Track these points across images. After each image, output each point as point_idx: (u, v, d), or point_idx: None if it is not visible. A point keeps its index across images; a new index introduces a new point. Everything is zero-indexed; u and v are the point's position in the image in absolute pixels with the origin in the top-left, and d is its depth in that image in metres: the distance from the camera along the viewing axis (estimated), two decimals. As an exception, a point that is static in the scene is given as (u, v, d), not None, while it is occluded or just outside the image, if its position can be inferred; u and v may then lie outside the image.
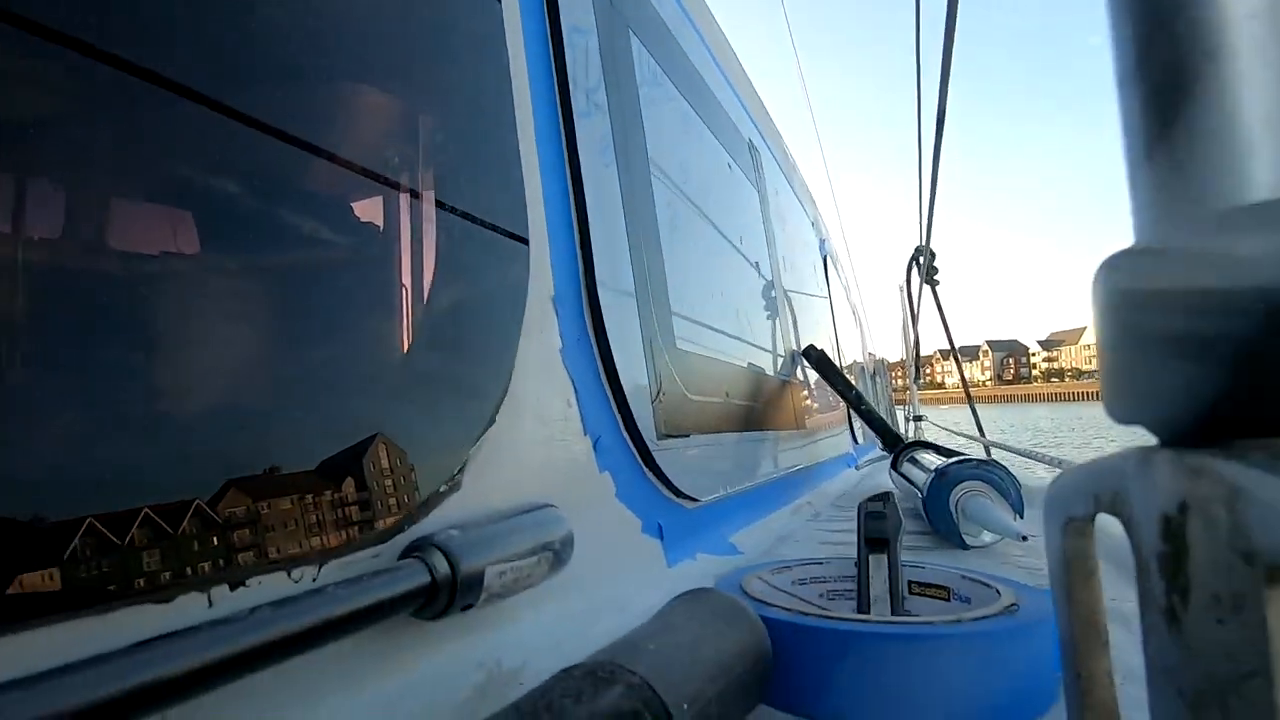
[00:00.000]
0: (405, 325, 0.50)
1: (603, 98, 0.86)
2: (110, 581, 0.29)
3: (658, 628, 0.39)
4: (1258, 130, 0.19)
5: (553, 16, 0.76)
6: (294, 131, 0.42)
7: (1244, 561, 0.16)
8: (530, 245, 0.65)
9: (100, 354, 0.31)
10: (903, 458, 1.46)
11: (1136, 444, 0.22)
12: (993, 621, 0.45)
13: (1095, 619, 0.26)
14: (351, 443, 0.42)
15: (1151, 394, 0.21)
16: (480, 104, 0.63)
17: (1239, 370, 0.17)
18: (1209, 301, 0.18)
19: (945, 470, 1.05)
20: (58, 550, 0.28)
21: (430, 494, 0.47)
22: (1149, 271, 0.21)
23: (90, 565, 0.29)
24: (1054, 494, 0.27)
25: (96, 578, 0.29)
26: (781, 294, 1.78)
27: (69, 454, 0.30)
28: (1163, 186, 0.22)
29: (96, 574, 0.29)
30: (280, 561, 0.37)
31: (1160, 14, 0.21)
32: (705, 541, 0.93)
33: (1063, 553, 0.27)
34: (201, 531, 0.33)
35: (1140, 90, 0.22)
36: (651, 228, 0.96)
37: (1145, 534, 0.20)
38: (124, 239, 0.34)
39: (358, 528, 0.41)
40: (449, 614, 0.42)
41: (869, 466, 2.47)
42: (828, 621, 0.46)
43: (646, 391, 0.84)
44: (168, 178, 0.35)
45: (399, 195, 0.52)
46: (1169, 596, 0.19)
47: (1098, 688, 0.26)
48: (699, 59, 1.35)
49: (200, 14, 0.37)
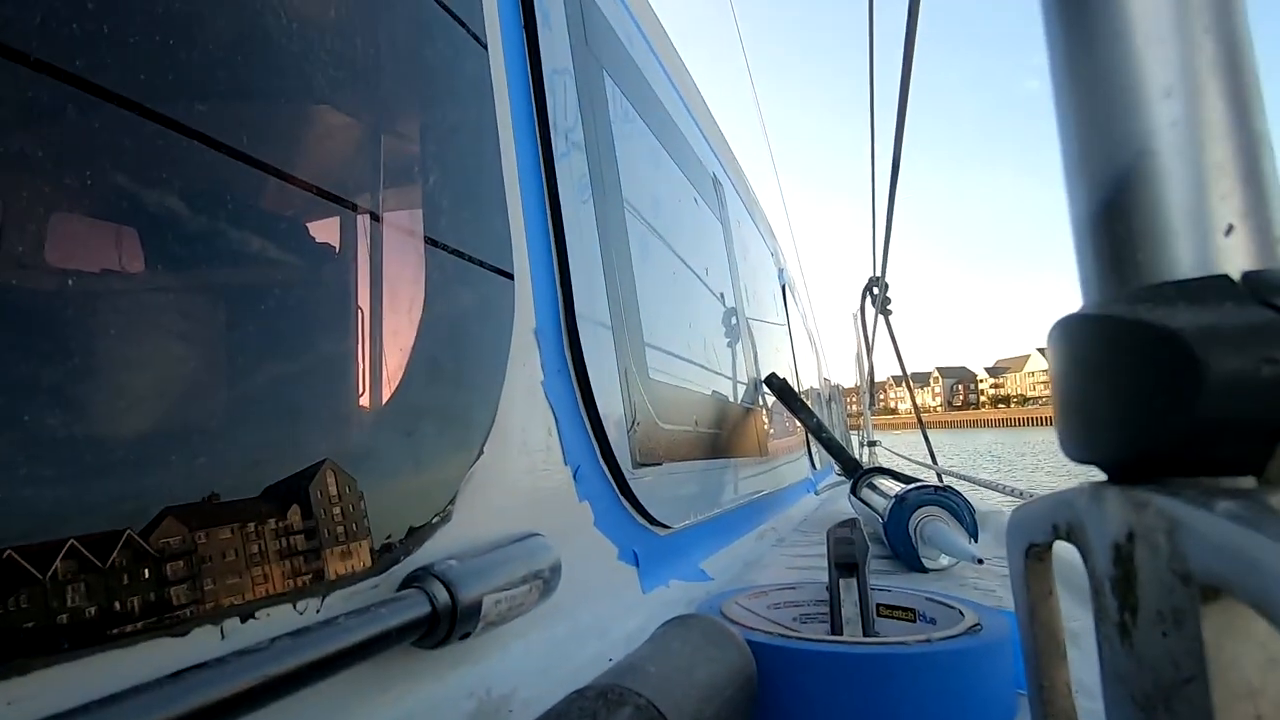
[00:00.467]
0: (399, 360, 0.52)
1: (580, 136, 0.90)
2: (94, 623, 0.29)
3: (654, 651, 0.41)
4: (1180, 218, 0.23)
5: (534, 60, 0.79)
6: (288, 166, 0.44)
7: (1182, 583, 0.19)
8: (515, 279, 0.67)
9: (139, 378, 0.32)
10: (861, 483, 1.51)
11: (1089, 480, 0.25)
12: (960, 641, 0.49)
13: (1055, 634, 0.29)
14: (350, 475, 0.43)
15: (1101, 438, 0.24)
16: (468, 144, 0.65)
17: (1172, 422, 0.21)
18: (1145, 364, 0.21)
19: (904, 496, 1.09)
20: (59, 582, 0.29)
21: (424, 524, 0.49)
22: (1094, 335, 0.24)
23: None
24: (1016, 522, 0.30)
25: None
26: (744, 323, 1.83)
27: (67, 475, 0.30)
28: (1104, 259, 0.25)
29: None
30: (285, 594, 0.38)
31: (1101, 119, 0.25)
32: (678, 568, 0.95)
33: (1025, 575, 0.30)
34: (206, 562, 0.34)
35: (1085, 179, 0.26)
36: (626, 261, 1.00)
37: (1099, 559, 0.23)
38: (67, 255, 0.32)
39: (357, 559, 0.42)
40: (448, 643, 0.43)
41: (828, 492, 2.53)
42: (808, 643, 0.49)
43: (622, 421, 0.86)
44: (118, 193, 0.34)
45: (392, 232, 0.54)
46: (1121, 613, 0.22)
47: (1058, 697, 0.29)
48: (667, 97, 1.40)
49: (203, 55, 0.39)
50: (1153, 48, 0.24)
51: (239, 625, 0.35)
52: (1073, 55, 0.26)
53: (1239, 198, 0.23)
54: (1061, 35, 0.26)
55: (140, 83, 0.34)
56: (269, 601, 0.37)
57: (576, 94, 0.90)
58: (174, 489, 0.33)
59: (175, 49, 0.36)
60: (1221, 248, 0.22)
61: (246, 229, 0.40)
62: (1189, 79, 0.23)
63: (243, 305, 0.39)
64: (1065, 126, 0.26)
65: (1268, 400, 0.19)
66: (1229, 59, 0.23)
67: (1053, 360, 0.27)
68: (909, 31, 1.19)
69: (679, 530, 0.98)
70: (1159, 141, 0.23)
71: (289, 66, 0.44)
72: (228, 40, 0.40)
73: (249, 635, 0.35)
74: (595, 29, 1.01)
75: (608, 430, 0.79)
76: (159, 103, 0.35)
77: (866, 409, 4.88)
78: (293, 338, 0.43)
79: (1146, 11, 0.24)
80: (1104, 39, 0.24)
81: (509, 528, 0.58)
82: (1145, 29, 0.24)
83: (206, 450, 0.35)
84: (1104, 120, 0.25)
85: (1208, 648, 0.19)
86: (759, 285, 2.27)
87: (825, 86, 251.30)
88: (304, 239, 0.47)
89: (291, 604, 0.38)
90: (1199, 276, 0.23)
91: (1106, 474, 0.24)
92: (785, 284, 3.01)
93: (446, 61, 0.63)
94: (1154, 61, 0.24)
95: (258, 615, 0.36)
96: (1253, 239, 0.22)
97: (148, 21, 0.35)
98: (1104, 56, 0.25)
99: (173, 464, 0.33)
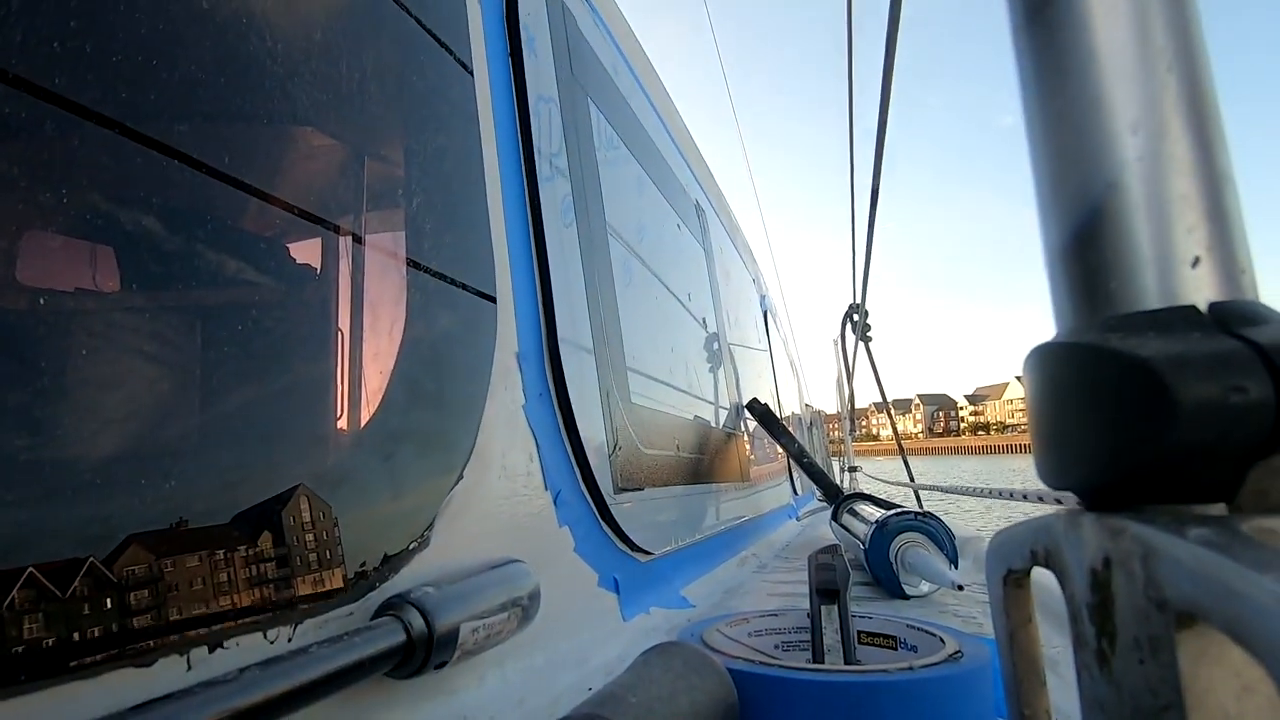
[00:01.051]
0: (378, 382, 0.51)
1: (564, 162, 0.90)
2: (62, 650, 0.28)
3: (635, 680, 0.40)
4: (1148, 250, 0.24)
5: (519, 87, 0.80)
6: (269, 186, 0.43)
7: (1158, 609, 0.19)
8: (497, 303, 0.67)
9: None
10: (842, 509, 1.51)
11: (1065, 507, 0.25)
12: (941, 668, 0.49)
13: (1034, 660, 0.29)
14: (326, 500, 0.42)
15: (1076, 465, 0.24)
16: (452, 167, 0.65)
17: (1144, 449, 0.21)
18: (1117, 391, 0.22)
19: (885, 522, 1.10)
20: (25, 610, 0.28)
21: (401, 550, 0.48)
22: (1067, 364, 0.25)
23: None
24: (994, 549, 0.31)
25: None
26: (726, 349, 1.84)
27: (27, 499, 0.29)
28: (1077, 289, 0.26)
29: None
30: (256, 623, 0.37)
31: (1071, 154, 0.25)
32: (658, 595, 0.94)
33: (1004, 601, 0.30)
34: (173, 591, 0.33)
35: (1057, 212, 0.26)
36: (609, 286, 1.00)
37: (1077, 585, 0.23)
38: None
39: (331, 586, 0.42)
40: (423, 673, 0.42)
41: (810, 518, 2.53)
42: (790, 672, 0.49)
43: (604, 446, 0.86)
44: (95, 211, 0.33)
45: (375, 253, 0.53)
46: (1099, 640, 0.22)
47: (1039, 724, 0.29)
48: (650, 125, 1.42)
49: (187, 75, 0.39)
50: (1119, 86, 0.24)
51: (206, 655, 0.34)
52: (1043, 93, 0.27)
53: (1204, 231, 0.23)
54: (1033, 73, 0.27)
55: (122, 101, 0.34)
56: (238, 630, 0.36)
57: (561, 120, 0.91)
58: (140, 515, 0.32)
59: (159, 68, 0.36)
60: (1188, 279, 0.23)
61: (224, 248, 0.40)
62: (1154, 116, 0.24)
63: (220, 326, 0.39)
64: (1037, 160, 0.27)
65: (1236, 428, 0.20)
66: (1192, 97, 0.24)
67: (1028, 388, 0.27)
68: (887, 63, 1.23)
69: (660, 556, 0.98)
70: (1127, 176, 0.24)
71: (274, 88, 0.44)
72: (213, 61, 0.40)
73: (217, 665, 0.34)
74: (580, 57, 1.03)
75: (589, 455, 0.79)
76: (140, 121, 0.35)
77: (847, 435, 4.91)
78: (270, 360, 0.42)
79: (1113, 51, 0.25)
80: (1073, 77, 0.25)
81: (488, 553, 0.57)
82: (1112, 68, 0.25)
83: (176, 474, 0.34)
84: (1073, 155, 0.25)
85: (1184, 675, 0.19)
86: (741, 311, 2.28)
87: (806, 117, 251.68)
88: (284, 259, 0.46)
89: (262, 633, 0.37)
90: (1167, 307, 0.23)
91: (1083, 500, 0.24)
92: (767, 310, 3.03)
93: (432, 87, 0.64)
94: (1120, 99, 0.24)
95: (226, 644, 0.35)
96: (1218, 270, 0.23)
97: (132, 40, 0.35)
98: (1073, 94, 0.25)
99: (140, 489, 0.33)
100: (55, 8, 0.31)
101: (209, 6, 0.39)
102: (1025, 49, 0.27)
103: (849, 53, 1.61)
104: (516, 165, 0.78)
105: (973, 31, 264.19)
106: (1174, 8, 0.24)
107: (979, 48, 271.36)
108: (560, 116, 0.92)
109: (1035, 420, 0.27)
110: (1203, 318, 0.22)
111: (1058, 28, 0.26)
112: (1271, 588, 0.15)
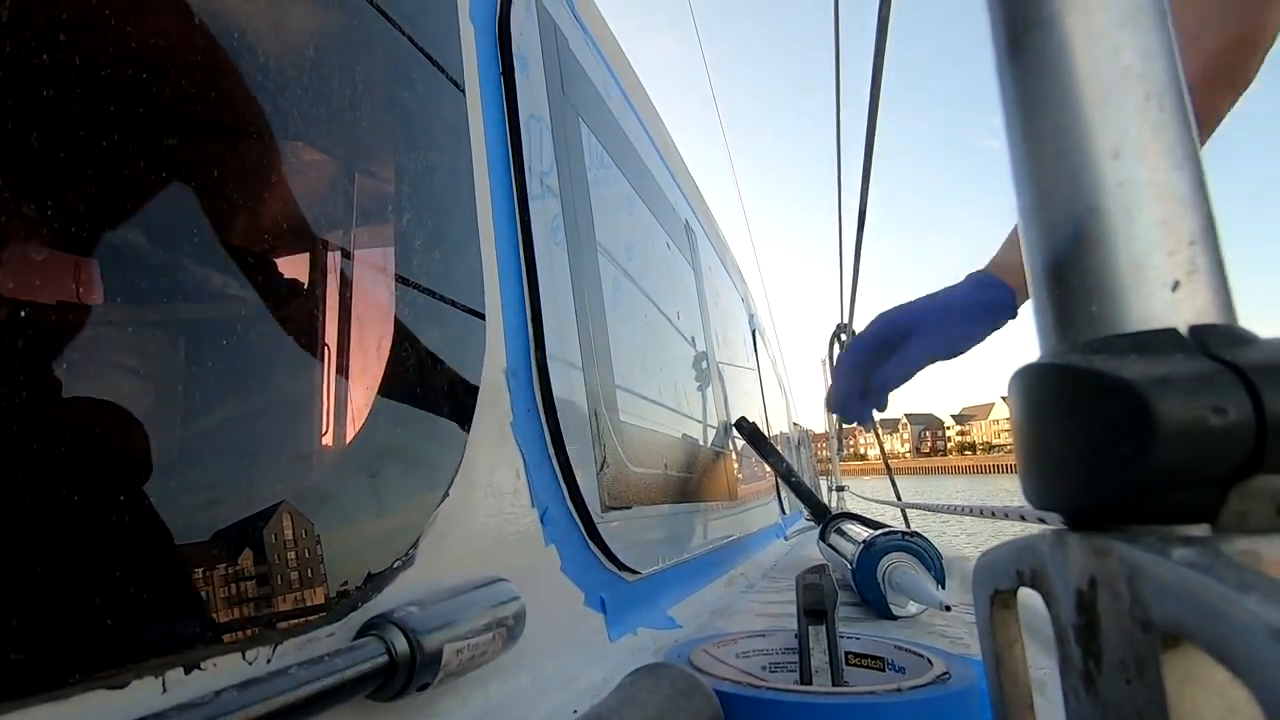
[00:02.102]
0: (364, 398, 0.51)
1: (555, 181, 0.91)
2: None
3: (621, 702, 0.40)
4: (1129, 273, 0.24)
5: (511, 105, 0.81)
6: (253, 201, 0.43)
7: (1143, 630, 0.19)
8: (486, 319, 0.67)
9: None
10: (830, 529, 1.51)
11: (1051, 527, 0.25)
12: (928, 690, 0.48)
13: (1021, 682, 0.29)
14: (309, 517, 0.42)
15: (1061, 485, 0.25)
16: (442, 185, 0.66)
17: (1127, 469, 0.21)
18: (1099, 412, 0.22)
19: (873, 542, 1.09)
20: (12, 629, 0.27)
21: (385, 569, 0.47)
22: (1051, 384, 0.25)
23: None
24: (981, 569, 0.31)
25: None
26: (715, 367, 1.84)
27: None
28: (1060, 311, 0.26)
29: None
30: (234, 643, 0.36)
31: (1053, 178, 0.26)
32: (645, 615, 0.93)
33: (990, 622, 0.30)
34: (149, 610, 0.32)
35: (1039, 234, 0.27)
36: (598, 303, 1.00)
37: (1063, 606, 0.23)
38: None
39: (311, 605, 0.41)
40: (405, 694, 0.41)
41: (798, 537, 2.52)
42: (777, 693, 0.48)
43: (591, 463, 0.85)
44: (78, 224, 0.33)
45: (362, 269, 0.53)
46: (1085, 662, 0.22)
47: (1027, 748, 0.29)
48: (640, 144, 1.43)
49: (177, 88, 0.39)
50: (1099, 113, 0.25)
51: (183, 677, 0.33)
52: (1025, 119, 0.27)
53: (1184, 255, 0.24)
54: (1015, 100, 0.28)
55: (109, 114, 0.34)
56: (216, 651, 0.35)
57: (552, 139, 0.92)
58: (118, 531, 0.32)
59: (149, 81, 0.36)
60: (1169, 302, 0.23)
61: (212, 263, 0.40)
62: (1134, 142, 0.24)
63: (206, 341, 0.39)
64: (1020, 185, 0.27)
65: (1217, 449, 0.20)
66: (1172, 125, 0.25)
67: (1013, 409, 0.27)
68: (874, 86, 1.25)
69: (647, 576, 0.97)
70: (1108, 200, 0.25)
71: (265, 102, 0.44)
72: (204, 75, 0.40)
73: (193, 688, 0.33)
74: (572, 77, 1.04)
75: (576, 473, 0.78)
76: (128, 134, 0.35)
77: (835, 454, 4.92)
78: (256, 375, 0.42)
79: (1093, 79, 0.25)
80: (1054, 104, 0.26)
81: (474, 572, 0.56)
82: (1092, 95, 0.25)
83: (157, 490, 0.34)
84: (1055, 180, 0.26)
85: (1169, 696, 0.19)
86: (730, 330, 2.29)
87: (796, 137, 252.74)
88: (272, 274, 0.46)
89: (241, 654, 0.36)
90: (1149, 329, 0.24)
91: (1068, 520, 0.24)
92: (755, 329, 3.05)
93: (424, 104, 0.64)
94: (1101, 126, 0.25)
95: (203, 666, 0.34)
96: (1198, 294, 0.23)
97: (120, 52, 0.35)
98: (1054, 120, 0.26)
99: (119, 504, 0.32)
100: (41, 19, 0.31)
101: (200, 20, 0.39)
102: (1007, 76, 0.28)
103: (836, 76, 1.63)
104: (507, 183, 0.78)
105: (960, 55, 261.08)
106: (1153, 37, 0.25)
107: (964, 68, 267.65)
108: (551, 135, 0.92)
109: (1020, 441, 0.27)
110: (1184, 340, 0.23)
111: (1039, 55, 0.26)
112: (1253, 609, 0.15)
